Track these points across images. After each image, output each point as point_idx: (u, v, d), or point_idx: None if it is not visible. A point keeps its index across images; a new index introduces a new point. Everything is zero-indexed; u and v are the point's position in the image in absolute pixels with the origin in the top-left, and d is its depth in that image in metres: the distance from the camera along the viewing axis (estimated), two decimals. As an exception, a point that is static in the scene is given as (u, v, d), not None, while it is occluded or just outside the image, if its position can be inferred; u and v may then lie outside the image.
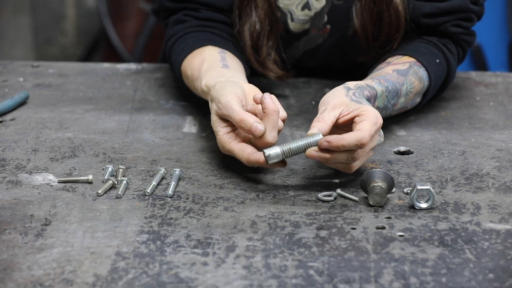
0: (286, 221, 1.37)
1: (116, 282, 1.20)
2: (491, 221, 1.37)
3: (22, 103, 1.85)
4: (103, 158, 1.59)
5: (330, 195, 1.44)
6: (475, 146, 1.66)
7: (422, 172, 1.54)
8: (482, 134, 1.72)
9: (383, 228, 1.35)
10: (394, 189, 1.46)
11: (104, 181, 1.48)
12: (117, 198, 1.43)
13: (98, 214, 1.38)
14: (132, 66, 2.10)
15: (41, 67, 2.09)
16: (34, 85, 1.97)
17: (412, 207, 1.41)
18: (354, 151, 1.43)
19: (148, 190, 1.45)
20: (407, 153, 1.63)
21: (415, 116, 1.79)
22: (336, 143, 1.41)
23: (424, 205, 1.41)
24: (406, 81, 1.68)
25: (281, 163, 1.45)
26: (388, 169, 1.55)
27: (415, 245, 1.30)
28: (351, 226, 1.35)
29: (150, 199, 1.44)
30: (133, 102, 1.87)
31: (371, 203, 1.41)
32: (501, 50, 3.36)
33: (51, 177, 1.51)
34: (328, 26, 1.86)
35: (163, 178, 1.50)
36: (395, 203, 1.43)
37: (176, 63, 1.81)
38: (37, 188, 1.47)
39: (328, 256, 1.26)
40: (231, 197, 1.44)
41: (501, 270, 1.24)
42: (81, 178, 1.49)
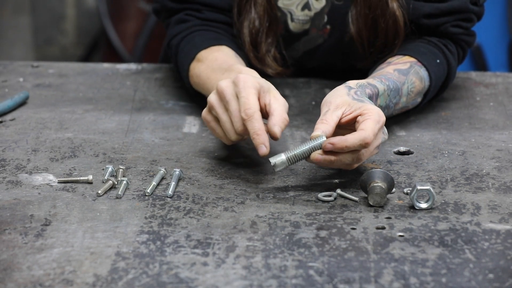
0: (286, 221, 1.36)
1: (116, 282, 1.19)
2: (491, 221, 1.37)
3: (22, 103, 1.85)
4: (103, 158, 1.59)
5: (330, 195, 1.44)
6: (475, 146, 1.66)
7: (422, 172, 1.54)
8: (482, 134, 1.72)
9: (383, 228, 1.35)
10: (394, 189, 1.46)
11: (104, 181, 1.48)
12: (117, 198, 1.43)
13: (98, 214, 1.38)
14: (132, 66, 2.10)
15: (41, 67, 2.09)
16: (34, 85, 1.97)
17: (412, 207, 1.41)
18: (359, 151, 1.42)
19: (148, 190, 1.45)
20: (407, 153, 1.63)
21: (415, 116, 1.79)
22: (340, 145, 1.40)
23: (424, 205, 1.41)
24: (407, 81, 1.68)
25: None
26: (388, 169, 1.55)
27: (415, 245, 1.30)
28: (351, 226, 1.35)
29: (150, 199, 1.44)
30: (133, 102, 1.87)
31: (371, 203, 1.41)
32: (501, 50, 3.36)
33: (51, 177, 1.51)
34: (328, 27, 1.86)
35: (163, 178, 1.50)
36: (395, 203, 1.43)
37: (185, 61, 1.79)
38: (37, 188, 1.47)
39: (328, 256, 1.26)
40: (231, 197, 1.44)
41: (501, 270, 1.23)
42: (81, 178, 1.49)
